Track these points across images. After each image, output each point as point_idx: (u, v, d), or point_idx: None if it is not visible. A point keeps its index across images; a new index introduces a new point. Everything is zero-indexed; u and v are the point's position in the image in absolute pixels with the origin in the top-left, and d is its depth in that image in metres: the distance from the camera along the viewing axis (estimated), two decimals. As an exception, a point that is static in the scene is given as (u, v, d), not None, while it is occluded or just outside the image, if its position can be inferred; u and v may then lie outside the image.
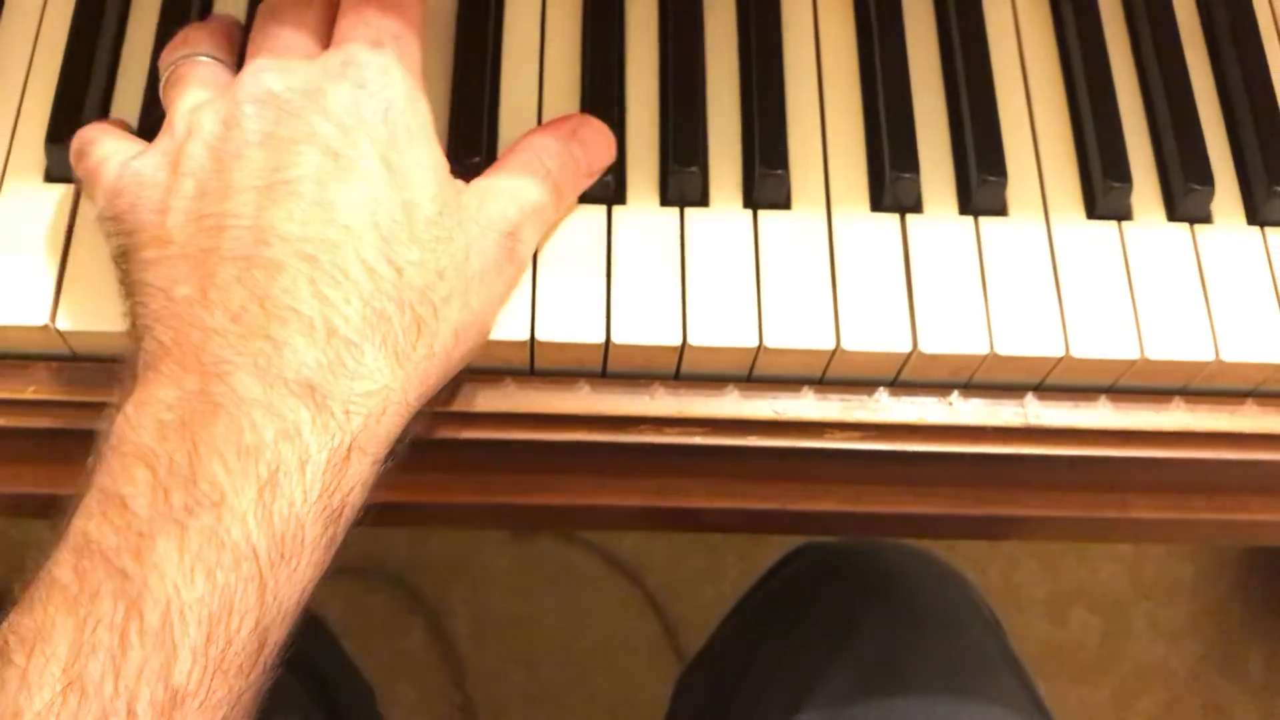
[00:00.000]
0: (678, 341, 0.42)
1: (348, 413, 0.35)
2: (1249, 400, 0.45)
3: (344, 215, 0.36)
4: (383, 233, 0.36)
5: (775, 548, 0.73)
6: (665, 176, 0.45)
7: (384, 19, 0.40)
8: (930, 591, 0.63)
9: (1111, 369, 0.44)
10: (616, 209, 0.44)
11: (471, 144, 0.44)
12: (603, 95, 0.46)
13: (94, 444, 0.36)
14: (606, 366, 0.44)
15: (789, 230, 0.44)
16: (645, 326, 0.42)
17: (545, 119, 0.46)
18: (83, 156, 0.41)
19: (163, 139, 0.39)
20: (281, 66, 0.39)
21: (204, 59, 0.42)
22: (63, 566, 0.33)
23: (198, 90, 0.40)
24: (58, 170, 0.44)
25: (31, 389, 0.43)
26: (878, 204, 0.45)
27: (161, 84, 0.42)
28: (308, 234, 0.36)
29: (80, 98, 0.44)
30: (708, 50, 0.47)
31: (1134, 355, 0.43)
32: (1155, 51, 0.48)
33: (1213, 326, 0.44)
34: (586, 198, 0.44)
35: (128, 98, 0.46)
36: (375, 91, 0.38)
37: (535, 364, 0.44)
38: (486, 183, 0.41)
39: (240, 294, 0.35)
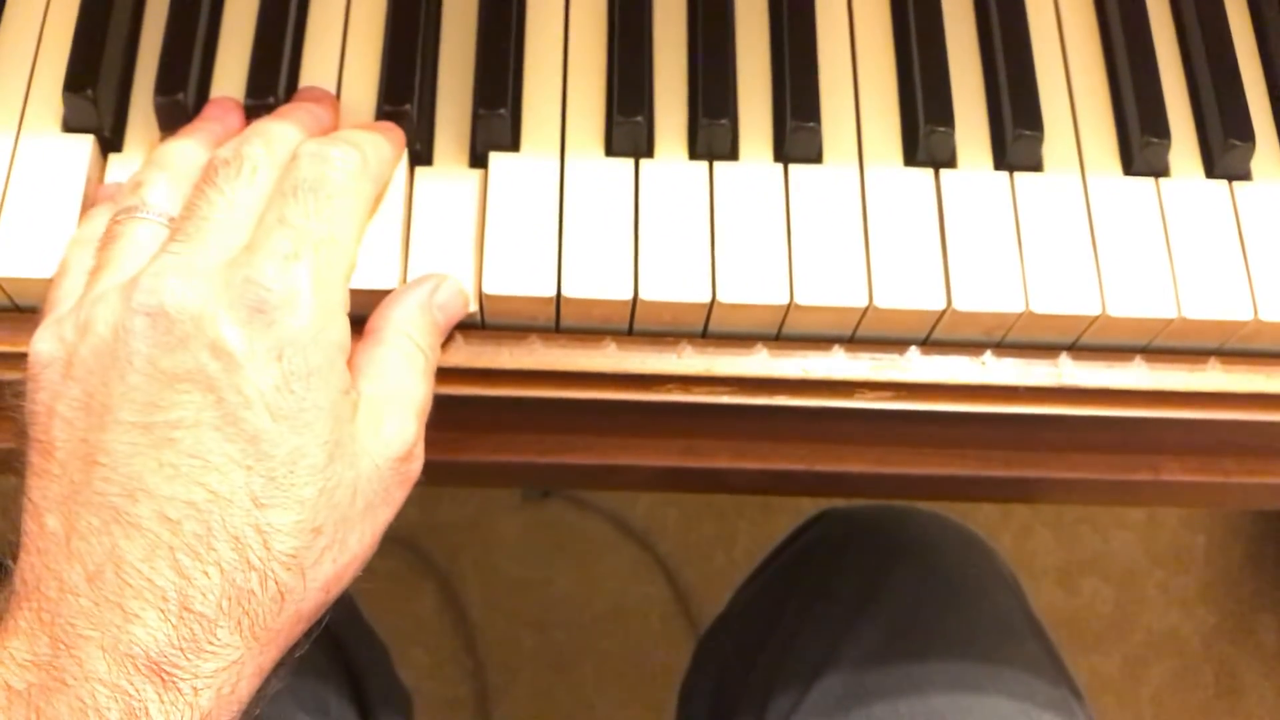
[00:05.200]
0: (706, 299, 0.42)
1: (195, 690, 0.33)
2: (1287, 361, 0.45)
3: (214, 475, 0.34)
4: (255, 496, 0.35)
5: (787, 515, 0.73)
6: (694, 129, 0.44)
7: (309, 223, 0.37)
8: (954, 556, 0.63)
9: (1148, 328, 0.43)
10: (644, 162, 0.43)
11: (498, 100, 0.43)
12: (631, 45, 0.45)
13: None
14: (633, 324, 0.43)
15: (820, 185, 0.43)
16: (673, 283, 0.42)
17: (573, 69, 0.45)
18: (53, 282, 0.39)
19: (68, 323, 0.37)
20: (185, 270, 0.36)
21: (145, 217, 0.39)
22: None
23: (113, 269, 0.37)
24: (76, 120, 0.43)
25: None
26: (911, 158, 0.44)
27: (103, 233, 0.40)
28: (174, 493, 0.34)
29: (99, 46, 0.43)
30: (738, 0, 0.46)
31: (1171, 314, 0.42)
32: (1194, 4, 0.47)
33: (1251, 285, 0.43)
34: (615, 150, 0.43)
35: (148, 44, 0.45)
36: (274, 321, 0.35)
37: (561, 321, 0.43)
38: (374, 393, 0.38)
39: (99, 551, 0.34)
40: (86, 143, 0.43)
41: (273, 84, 0.43)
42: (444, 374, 0.42)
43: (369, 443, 0.37)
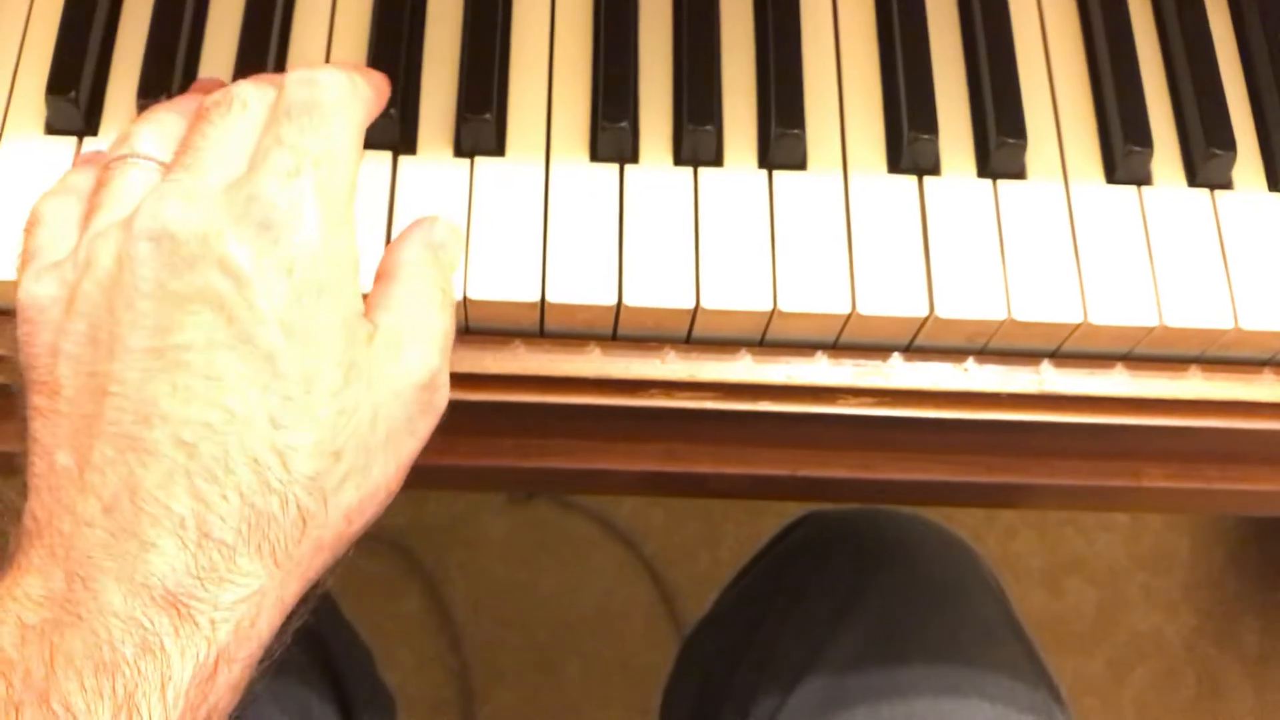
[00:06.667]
0: (690, 304, 0.42)
1: (213, 623, 0.33)
2: (1266, 369, 0.45)
3: (230, 395, 0.34)
4: (272, 415, 0.34)
5: (773, 516, 0.73)
6: (679, 135, 0.44)
7: (305, 140, 0.36)
8: (936, 559, 0.63)
9: (1129, 336, 0.43)
10: (629, 168, 0.44)
11: (483, 104, 0.43)
12: (616, 51, 0.45)
13: None
14: (617, 329, 0.43)
15: (804, 191, 0.44)
16: (657, 289, 0.42)
17: (558, 75, 0.45)
18: (26, 233, 0.39)
19: (67, 264, 0.36)
20: (186, 194, 0.35)
21: (138, 161, 0.38)
22: None
23: (111, 208, 0.37)
24: (59, 122, 0.43)
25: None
26: (895, 165, 0.44)
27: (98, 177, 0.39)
28: (190, 415, 0.33)
29: (81, 47, 0.43)
30: (723, 6, 0.46)
31: (1152, 322, 0.43)
32: (1177, 14, 0.48)
33: (1232, 294, 0.43)
34: (599, 155, 0.44)
35: (128, 47, 0.45)
36: (280, 237, 0.35)
37: (545, 326, 0.43)
38: (393, 323, 0.37)
39: (114, 481, 0.33)
40: (69, 144, 0.43)
41: (257, 87, 0.43)
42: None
43: (388, 369, 0.36)
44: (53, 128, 0.43)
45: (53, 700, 0.31)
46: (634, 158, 0.44)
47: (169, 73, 0.44)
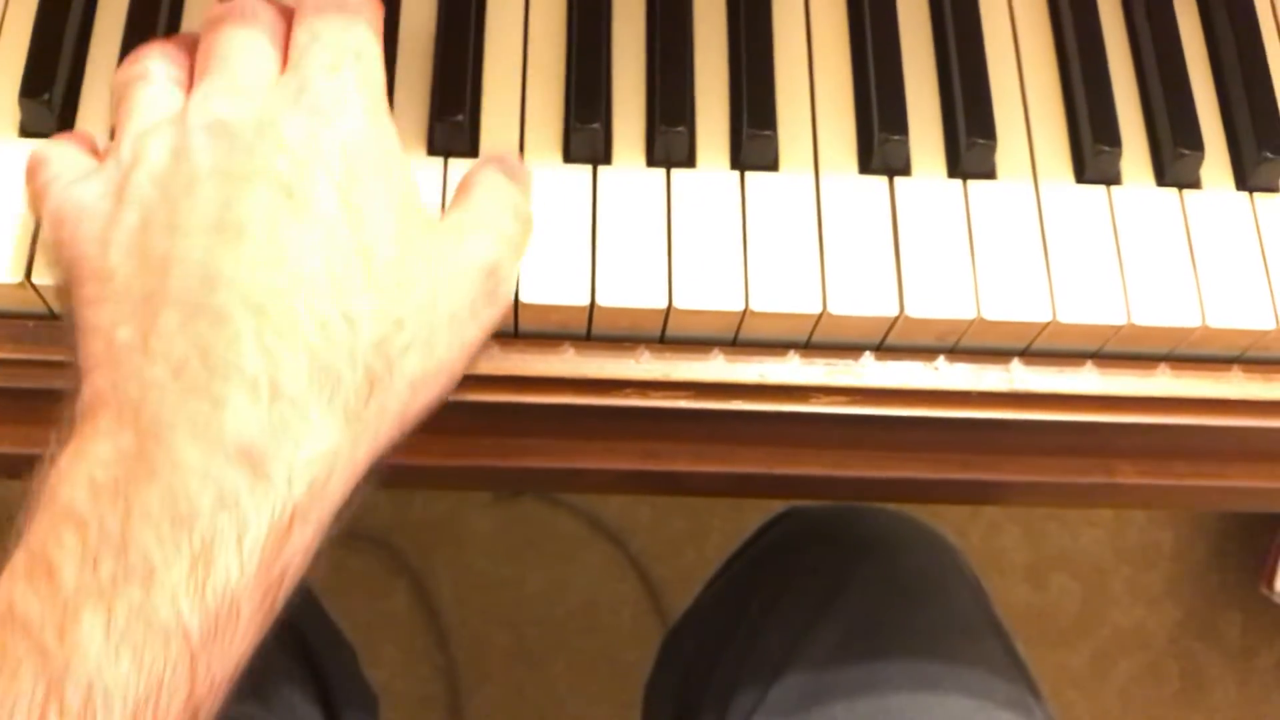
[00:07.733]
0: (663, 304, 0.42)
1: (290, 480, 0.33)
2: (1234, 366, 0.45)
3: (295, 261, 0.34)
4: (336, 280, 0.35)
5: (758, 511, 0.73)
6: (652, 136, 0.44)
7: (341, 36, 0.38)
8: (915, 556, 0.63)
9: (1098, 334, 0.44)
10: (602, 169, 0.44)
11: (456, 106, 0.43)
12: (589, 52, 0.45)
13: (26, 496, 0.34)
14: (591, 329, 0.43)
15: (776, 192, 0.44)
16: (630, 289, 0.42)
17: (531, 76, 0.45)
18: (31, 176, 0.39)
19: (109, 165, 0.37)
20: (232, 92, 0.37)
21: (156, 79, 0.39)
22: None
23: (146, 113, 0.38)
24: (33, 125, 0.43)
25: (8, 347, 0.42)
26: (866, 166, 0.45)
27: (112, 103, 0.40)
28: (256, 280, 0.34)
29: (55, 50, 0.43)
30: (695, 8, 0.47)
31: (1121, 320, 0.43)
32: (1147, 16, 0.48)
33: (1200, 292, 0.44)
34: (572, 157, 0.44)
35: (103, 50, 0.45)
36: (333, 121, 0.36)
37: (519, 326, 0.43)
38: (460, 216, 0.39)
39: (182, 345, 0.33)
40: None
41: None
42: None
43: (449, 251, 0.37)
44: (26, 131, 0.43)
45: (130, 552, 0.32)
46: (607, 159, 0.44)
47: (144, 75, 0.44)
